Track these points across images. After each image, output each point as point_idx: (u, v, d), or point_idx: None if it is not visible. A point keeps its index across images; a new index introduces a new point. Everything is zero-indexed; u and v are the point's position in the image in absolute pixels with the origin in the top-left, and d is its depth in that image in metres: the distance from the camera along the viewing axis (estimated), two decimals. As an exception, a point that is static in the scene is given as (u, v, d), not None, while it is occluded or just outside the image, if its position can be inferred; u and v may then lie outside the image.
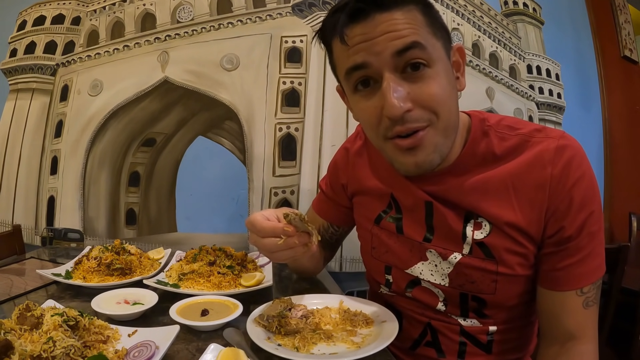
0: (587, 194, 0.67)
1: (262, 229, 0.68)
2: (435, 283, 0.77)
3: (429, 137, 0.65)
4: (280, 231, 0.67)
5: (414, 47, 0.62)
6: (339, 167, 0.94)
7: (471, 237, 0.72)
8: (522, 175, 0.69)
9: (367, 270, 0.93)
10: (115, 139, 1.70)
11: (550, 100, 1.94)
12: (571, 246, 0.68)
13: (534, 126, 0.73)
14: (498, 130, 0.72)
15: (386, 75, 0.63)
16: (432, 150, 0.66)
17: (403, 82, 0.63)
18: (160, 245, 1.25)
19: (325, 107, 1.65)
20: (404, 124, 0.64)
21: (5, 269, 1.13)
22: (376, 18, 0.62)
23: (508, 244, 0.70)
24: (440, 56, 0.65)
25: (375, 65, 0.63)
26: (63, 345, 0.59)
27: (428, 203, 0.76)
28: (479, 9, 1.86)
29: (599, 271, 0.69)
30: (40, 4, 1.80)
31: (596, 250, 0.69)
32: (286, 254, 0.70)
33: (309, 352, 0.67)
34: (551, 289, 0.71)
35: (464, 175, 0.72)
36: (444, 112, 0.65)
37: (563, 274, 0.69)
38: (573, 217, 0.67)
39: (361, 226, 0.91)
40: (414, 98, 0.63)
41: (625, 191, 2.13)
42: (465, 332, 0.78)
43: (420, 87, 0.63)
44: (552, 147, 0.68)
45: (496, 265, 0.71)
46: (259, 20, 1.67)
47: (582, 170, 0.67)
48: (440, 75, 0.64)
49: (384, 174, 0.83)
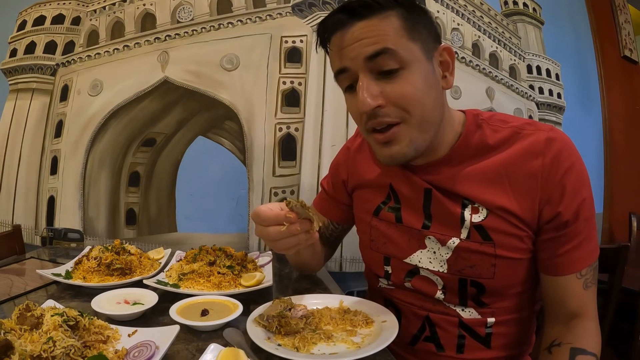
0: (578, 182, 0.71)
1: (266, 218, 0.71)
2: (434, 270, 0.80)
3: (402, 133, 0.71)
4: (283, 218, 0.70)
5: (384, 53, 0.68)
6: (340, 165, 1.00)
7: (469, 220, 0.75)
8: (515, 164, 0.73)
9: (366, 265, 0.96)
10: (115, 139, 1.70)
11: (550, 100, 1.94)
12: (569, 232, 0.72)
13: (525, 120, 0.78)
14: (491, 124, 0.77)
15: (361, 76, 0.70)
16: (406, 145, 0.72)
17: (377, 82, 0.70)
18: (160, 245, 1.25)
19: (325, 107, 1.65)
20: (376, 118, 0.71)
21: (5, 269, 1.13)
22: (354, 25, 0.70)
23: (505, 227, 0.74)
24: (416, 58, 0.70)
25: (352, 69, 0.71)
26: (63, 345, 0.59)
27: (427, 190, 0.80)
28: (479, 9, 1.86)
29: (594, 253, 0.75)
30: (40, 4, 1.80)
31: (590, 234, 0.74)
32: (290, 242, 0.73)
33: (309, 352, 0.67)
34: (553, 275, 0.75)
35: (459, 165, 0.77)
36: (416, 111, 0.70)
37: (563, 260, 0.73)
38: (567, 204, 0.71)
39: (360, 220, 0.94)
40: (387, 96, 0.69)
41: (625, 191, 2.13)
42: (463, 325, 0.80)
43: (392, 86, 0.69)
44: (542, 139, 0.72)
45: (494, 248, 0.74)
46: (259, 20, 1.67)
47: (571, 160, 0.71)
48: (415, 75, 0.69)
49: (383, 165, 0.87)
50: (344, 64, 0.72)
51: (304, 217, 0.71)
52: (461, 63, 1.78)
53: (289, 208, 0.70)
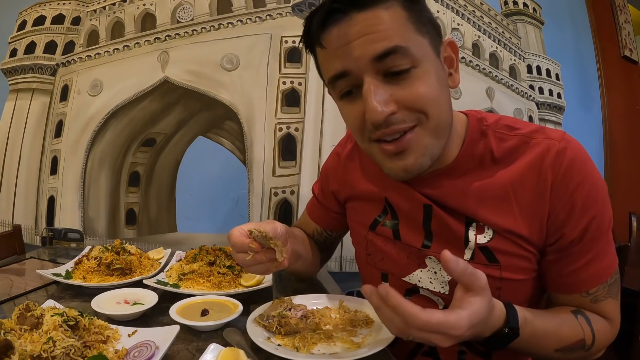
0: (589, 198, 0.64)
1: (233, 244, 0.70)
2: (435, 291, 0.74)
3: (416, 139, 0.62)
4: (247, 247, 0.68)
5: (394, 52, 0.58)
6: (329, 174, 0.93)
7: (474, 241, 0.69)
8: (523, 180, 0.66)
9: (363, 278, 0.90)
10: (115, 139, 1.70)
11: (550, 100, 1.94)
12: (574, 252, 0.66)
13: (533, 126, 0.70)
14: (497, 130, 0.69)
15: (367, 79, 0.60)
16: (421, 153, 0.63)
17: (385, 85, 0.60)
18: (160, 245, 1.25)
19: (325, 107, 1.65)
20: (388, 126, 0.61)
21: (5, 269, 1.12)
22: (354, 18, 0.59)
23: (512, 248, 0.68)
24: (427, 54, 0.61)
25: (355, 72, 0.60)
26: (63, 345, 0.59)
27: (427, 206, 0.73)
28: (479, 9, 1.86)
29: (606, 271, 0.68)
30: (40, 4, 1.80)
31: (602, 252, 0.67)
32: (257, 268, 0.71)
33: (309, 352, 0.67)
34: (556, 292, 0.71)
35: (462, 177, 0.70)
36: (433, 112, 0.61)
37: (569, 280, 0.68)
38: (574, 224, 0.65)
39: (355, 232, 0.87)
40: (399, 100, 0.60)
41: (625, 191, 2.13)
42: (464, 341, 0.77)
43: (404, 88, 0.60)
44: (553, 151, 0.65)
45: (500, 271, 0.68)
46: (259, 20, 1.67)
47: (583, 174, 0.64)
48: (429, 73, 0.61)
49: (376, 177, 0.80)
50: (345, 66, 0.61)
51: (268, 247, 0.69)
52: (461, 63, 1.79)
53: (252, 238, 0.69)
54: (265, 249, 0.70)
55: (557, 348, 0.66)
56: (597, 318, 0.68)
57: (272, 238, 0.69)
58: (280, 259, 0.69)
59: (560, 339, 0.66)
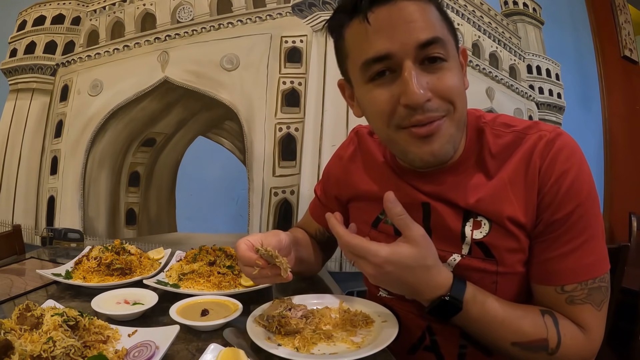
0: (574, 186, 0.65)
1: (241, 258, 0.74)
2: None
3: (445, 127, 0.65)
4: (254, 263, 0.72)
5: (436, 42, 0.62)
6: (331, 178, 0.95)
7: (470, 236, 0.71)
8: (517, 170, 0.69)
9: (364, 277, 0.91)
10: (115, 139, 1.70)
11: (550, 100, 1.95)
12: (553, 237, 0.66)
13: (528, 123, 0.73)
14: (494, 128, 0.73)
15: (407, 64, 0.62)
16: (446, 141, 0.66)
17: (422, 72, 0.63)
18: (160, 245, 1.25)
19: (325, 107, 1.65)
20: (424, 112, 0.63)
21: (5, 269, 1.12)
22: (398, 4, 0.62)
23: (508, 242, 0.69)
24: (454, 53, 0.67)
25: (397, 55, 0.63)
26: (63, 345, 0.59)
27: (425, 204, 0.75)
28: (479, 9, 1.86)
29: (587, 271, 0.66)
30: (40, 4, 1.80)
31: (584, 248, 0.65)
32: (264, 281, 0.77)
33: (309, 352, 0.67)
34: (533, 282, 0.70)
35: (461, 173, 0.73)
36: (460, 104, 0.66)
37: (545, 268, 0.68)
38: (556, 208, 0.66)
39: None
40: (433, 88, 0.63)
41: (625, 191, 2.13)
42: (465, 334, 0.76)
43: (438, 78, 0.64)
44: (543, 141, 0.68)
45: (496, 265, 0.70)
46: (259, 20, 1.67)
47: (571, 163, 0.66)
48: (456, 68, 0.66)
49: (378, 176, 0.83)
50: (389, 49, 0.62)
51: (273, 264, 0.72)
52: (461, 63, 1.79)
53: (259, 255, 0.72)
54: (271, 265, 0.72)
55: (514, 341, 0.65)
56: (568, 323, 0.66)
57: (278, 257, 0.71)
58: (284, 275, 0.72)
59: (517, 331, 0.65)
